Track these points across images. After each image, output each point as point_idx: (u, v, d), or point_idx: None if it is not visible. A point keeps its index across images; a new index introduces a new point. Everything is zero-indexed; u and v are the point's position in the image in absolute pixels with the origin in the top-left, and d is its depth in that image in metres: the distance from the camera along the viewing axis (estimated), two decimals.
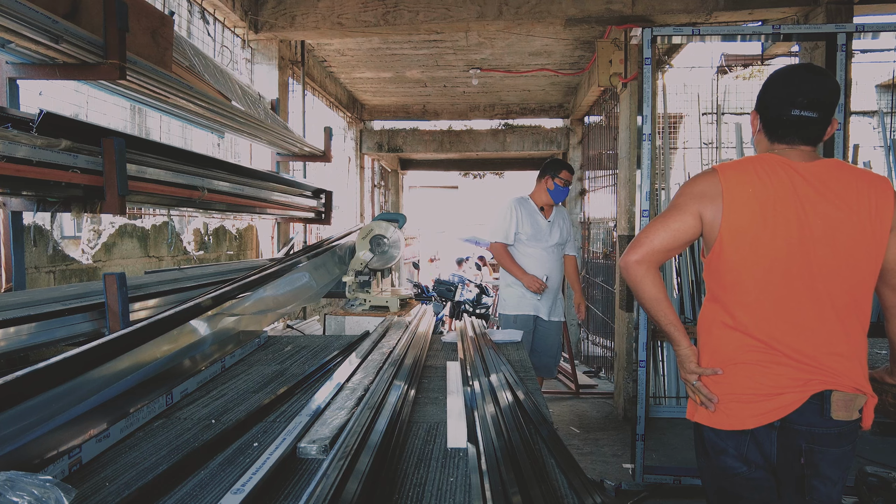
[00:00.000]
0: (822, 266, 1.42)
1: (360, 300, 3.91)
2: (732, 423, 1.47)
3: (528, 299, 3.64)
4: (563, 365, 6.18)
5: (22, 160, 1.90)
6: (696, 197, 1.50)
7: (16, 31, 1.97)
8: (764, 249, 1.44)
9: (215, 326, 2.25)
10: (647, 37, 3.12)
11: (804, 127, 1.49)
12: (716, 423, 1.50)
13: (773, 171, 1.46)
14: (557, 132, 8.33)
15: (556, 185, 3.65)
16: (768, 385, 1.43)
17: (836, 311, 1.43)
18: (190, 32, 4.05)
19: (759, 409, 1.44)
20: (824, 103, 1.48)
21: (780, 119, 1.51)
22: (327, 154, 4.88)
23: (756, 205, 1.44)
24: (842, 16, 3.87)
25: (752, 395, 1.45)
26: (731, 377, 1.48)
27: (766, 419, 1.44)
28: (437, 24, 4.52)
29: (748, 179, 1.46)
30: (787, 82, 1.52)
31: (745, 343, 1.47)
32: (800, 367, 1.42)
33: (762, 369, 1.44)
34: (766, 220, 1.43)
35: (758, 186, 1.45)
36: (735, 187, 1.46)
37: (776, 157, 1.50)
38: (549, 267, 3.66)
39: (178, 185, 2.75)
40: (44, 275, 2.66)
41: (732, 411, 1.47)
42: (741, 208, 1.45)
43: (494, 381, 1.92)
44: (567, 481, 1.27)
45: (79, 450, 1.34)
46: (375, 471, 1.22)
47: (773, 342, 1.44)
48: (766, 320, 1.45)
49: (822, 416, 1.42)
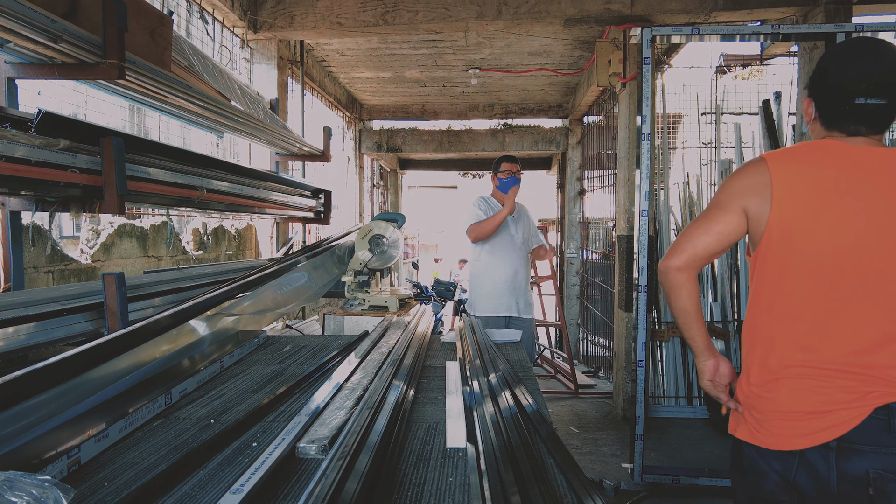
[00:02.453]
0: (885, 264, 1.24)
1: (359, 300, 3.91)
2: (779, 442, 1.29)
3: (498, 300, 3.65)
4: (562, 364, 6.18)
5: (20, 160, 1.89)
6: (741, 192, 1.34)
7: (14, 30, 1.97)
8: (817, 246, 1.26)
9: (214, 326, 2.24)
10: (646, 36, 3.12)
11: (869, 116, 1.28)
12: (760, 440, 1.32)
13: (831, 159, 1.28)
14: (556, 132, 8.33)
15: (500, 180, 3.69)
16: (819, 401, 1.25)
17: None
18: (189, 32, 4.05)
19: (811, 427, 1.25)
20: (893, 85, 1.26)
21: (840, 109, 1.31)
22: (326, 154, 4.88)
23: (810, 196, 1.26)
24: (841, 16, 3.87)
25: (802, 412, 1.26)
26: (775, 393, 1.30)
27: (818, 439, 1.24)
28: (436, 23, 4.52)
29: (802, 168, 1.29)
30: (846, 62, 1.29)
31: (793, 353, 1.29)
32: (856, 378, 1.23)
33: (812, 382, 1.26)
34: (821, 213, 1.26)
35: (815, 175, 1.27)
36: (786, 176, 1.28)
37: (835, 143, 1.31)
38: (516, 264, 3.68)
39: (177, 184, 2.75)
40: (42, 275, 2.66)
41: (779, 429, 1.29)
42: (793, 200, 1.27)
43: (493, 381, 1.92)
44: (566, 481, 1.27)
45: (77, 450, 1.34)
46: (374, 470, 1.22)
47: (825, 351, 1.26)
48: (816, 326, 1.28)
49: (889, 432, 1.21)
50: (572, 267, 8.15)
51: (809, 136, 1.47)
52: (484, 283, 3.68)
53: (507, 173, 3.67)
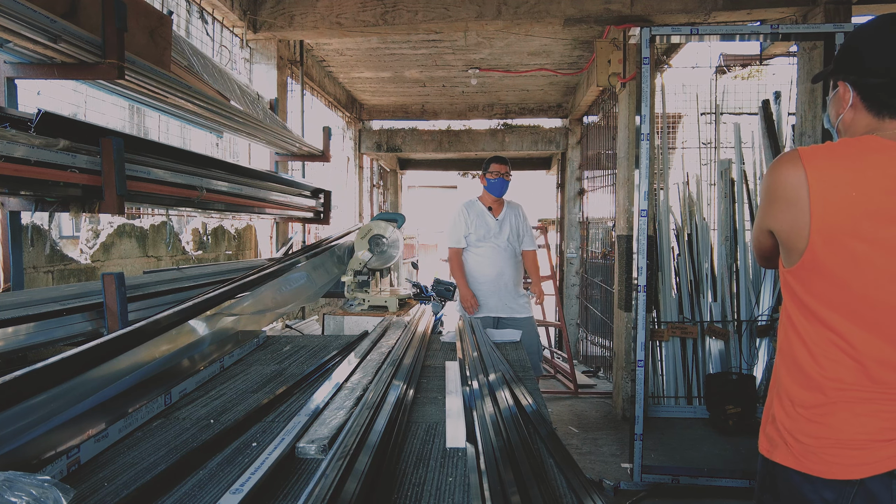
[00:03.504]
0: None
1: (358, 300, 3.91)
2: (836, 471, 1.17)
3: (484, 301, 3.65)
4: (561, 364, 6.18)
5: (20, 160, 1.89)
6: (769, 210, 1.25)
7: (14, 30, 1.97)
8: (872, 263, 1.14)
9: (214, 326, 2.24)
10: (645, 36, 3.12)
11: None
12: (811, 469, 1.20)
13: (886, 162, 1.14)
14: (556, 132, 8.33)
15: (489, 180, 3.69)
16: (884, 427, 1.14)
17: None
18: (189, 32, 4.05)
19: (874, 455, 1.14)
20: None
21: (893, 85, 1.16)
22: (326, 154, 4.88)
23: (863, 207, 1.13)
24: (840, 16, 3.87)
25: (864, 440, 1.15)
26: (829, 419, 1.19)
27: (882, 467, 1.14)
28: (436, 23, 4.52)
29: (851, 176, 1.15)
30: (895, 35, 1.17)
31: (849, 381, 1.17)
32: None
33: (874, 406, 1.16)
34: (875, 226, 1.12)
35: (866, 184, 1.13)
36: (830, 185, 1.15)
37: (889, 143, 1.16)
38: (501, 264, 3.68)
39: (177, 184, 2.75)
40: (42, 275, 2.66)
41: (837, 458, 1.17)
42: (839, 212, 1.14)
43: (493, 381, 1.92)
44: (566, 481, 1.27)
45: (77, 450, 1.34)
46: (374, 470, 1.22)
47: (884, 374, 1.15)
48: (878, 351, 1.16)
49: None
50: (572, 267, 8.15)
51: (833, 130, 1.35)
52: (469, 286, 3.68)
53: (496, 174, 3.67)
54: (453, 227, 3.73)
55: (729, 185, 4.51)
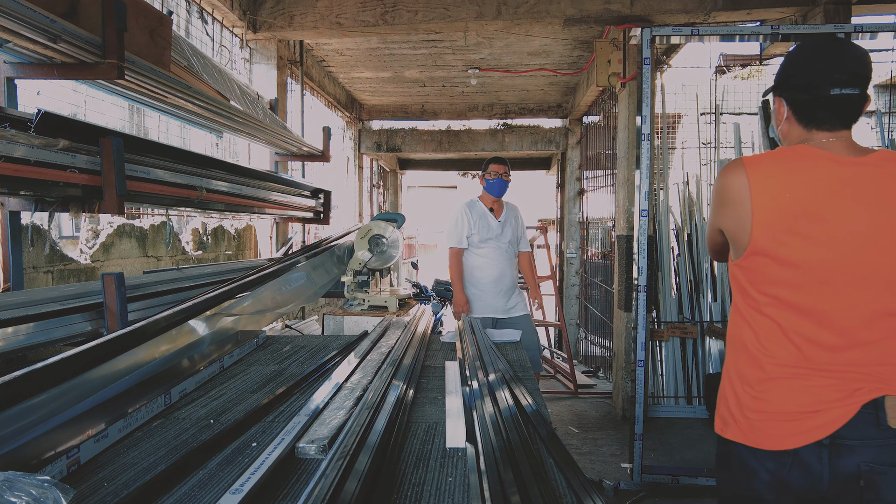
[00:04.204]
0: (870, 271, 1.27)
1: (358, 300, 3.91)
2: (774, 442, 1.31)
3: (483, 301, 3.65)
4: (561, 364, 6.18)
5: (20, 160, 1.89)
6: (718, 212, 1.41)
7: (13, 30, 1.97)
8: (804, 256, 1.28)
9: (214, 326, 2.24)
10: (645, 37, 3.12)
11: (845, 107, 1.32)
12: (753, 441, 1.34)
13: (816, 170, 1.30)
14: (556, 132, 8.34)
15: (488, 181, 3.69)
16: (812, 400, 1.28)
17: (884, 318, 1.28)
18: (188, 32, 4.05)
19: (804, 426, 1.28)
20: (864, 77, 1.32)
21: (818, 101, 1.33)
22: (326, 154, 4.88)
23: (798, 211, 1.28)
24: (840, 16, 3.87)
25: (796, 412, 1.29)
26: (769, 394, 1.33)
27: (812, 437, 1.27)
28: (436, 23, 4.52)
29: (786, 180, 1.30)
30: (819, 57, 1.33)
31: (786, 360, 1.32)
32: (845, 377, 1.27)
33: (804, 383, 1.30)
34: (807, 223, 1.28)
35: (797, 188, 1.29)
36: (768, 190, 1.30)
37: (818, 152, 1.32)
38: (503, 266, 3.68)
39: (177, 184, 2.75)
40: (42, 275, 2.66)
41: (773, 430, 1.31)
42: (778, 215, 1.29)
43: (493, 381, 1.92)
44: (566, 481, 1.27)
45: (77, 450, 1.34)
46: (374, 470, 1.22)
47: (819, 356, 1.29)
48: (810, 334, 1.30)
49: (877, 426, 1.24)
50: (572, 267, 8.15)
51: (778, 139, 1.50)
52: (469, 285, 3.69)
53: (494, 175, 3.67)
54: (455, 226, 3.72)
55: None
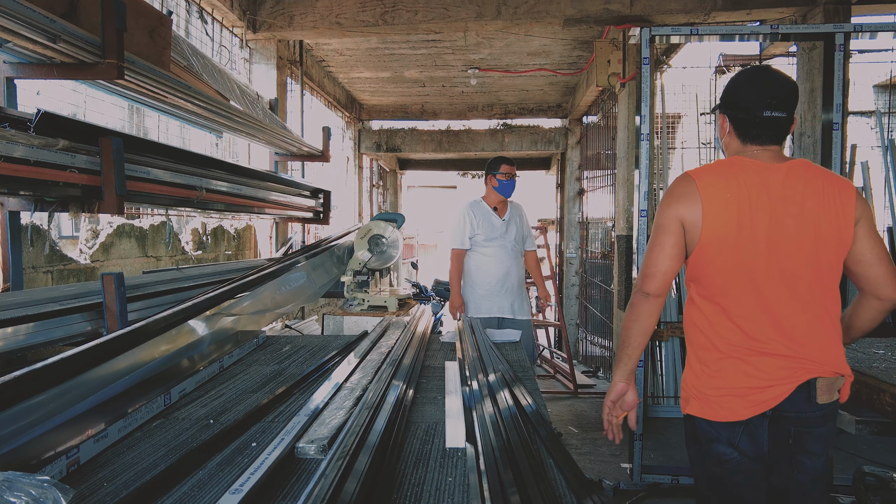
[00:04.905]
0: (797, 262, 1.51)
1: (358, 300, 3.91)
2: (727, 415, 1.54)
3: (490, 300, 3.65)
4: (561, 364, 6.18)
5: (19, 160, 1.89)
6: (675, 210, 1.56)
7: (13, 30, 1.97)
8: (744, 252, 1.51)
9: (213, 326, 2.24)
10: (645, 37, 3.12)
11: (775, 126, 1.58)
12: (710, 415, 1.57)
13: (747, 175, 1.54)
14: (555, 132, 8.34)
15: (499, 181, 3.68)
16: (759, 378, 1.52)
17: (812, 302, 1.53)
18: (188, 32, 4.05)
19: (753, 401, 1.52)
20: (790, 102, 1.58)
21: (752, 120, 1.59)
22: (325, 154, 4.88)
23: (735, 209, 1.51)
24: (840, 16, 3.87)
25: (745, 388, 1.53)
26: (722, 372, 1.55)
27: (759, 410, 1.52)
28: (436, 23, 4.52)
29: (725, 185, 1.53)
30: (754, 84, 1.61)
31: (733, 340, 1.54)
32: (787, 359, 1.51)
33: (752, 364, 1.52)
34: (744, 223, 1.51)
35: (734, 191, 1.52)
36: (713, 193, 1.53)
37: (748, 161, 1.57)
38: (507, 265, 3.67)
39: (177, 184, 2.74)
40: (41, 275, 2.65)
41: (727, 404, 1.54)
42: (720, 214, 1.51)
43: (493, 381, 1.92)
44: (565, 481, 1.27)
45: (77, 450, 1.34)
46: (374, 470, 1.22)
47: (760, 337, 1.52)
48: (751, 318, 1.53)
49: (808, 401, 1.52)
50: (571, 267, 8.15)
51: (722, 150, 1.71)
52: (475, 285, 3.68)
53: (507, 176, 3.67)
54: (458, 227, 3.71)
55: None
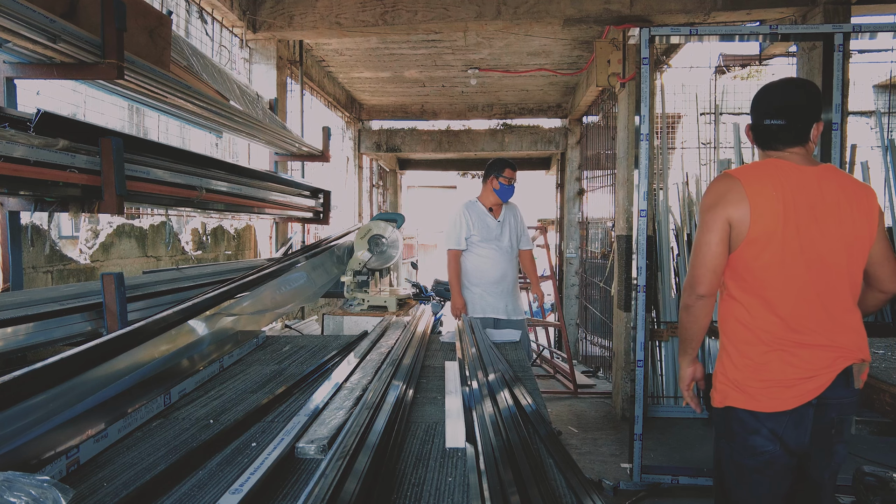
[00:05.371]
0: (835, 257, 1.61)
1: (358, 300, 3.91)
2: (775, 405, 1.62)
3: (485, 301, 3.65)
4: (561, 364, 6.18)
5: (19, 160, 1.89)
6: (722, 207, 1.64)
7: (13, 30, 1.97)
8: (789, 248, 1.60)
9: (213, 326, 2.24)
10: (645, 37, 3.12)
11: (776, 134, 1.70)
12: (756, 406, 1.64)
13: (786, 175, 1.63)
14: (555, 132, 8.34)
15: (501, 185, 3.69)
16: (804, 369, 1.61)
17: (845, 294, 1.64)
18: (188, 32, 4.05)
19: (800, 391, 1.61)
20: (791, 109, 1.68)
21: (757, 129, 1.75)
22: (325, 154, 4.88)
23: (780, 206, 1.60)
24: (839, 16, 3.87)
25: (793, 379, 1.61)
26: (769, 365, 1.63)
27: (805, 399, 1.61)
28: (436, 23, 4.52)
29: (770, 183, 1.62)
30: (760, 96, 1.76)
31: (777, 334, 1.63)
32: (827, 350, 1.61)
33: (797, 356, 1.61)
34: (789, 219, 1.60)
35: (778, 189, 1.61)
36: (758, 191, 1.61)
37: (784, 162, 1.67)
38: (503, 266, 3.68)
39: (177, 184, 2.74)
40: (41, 275, 2.65)
41: (775, 395, 1.62)
42: (767, 211, 1.60)
43: (493, 381, 1.92)
44: (565, 481, 1.27)
45: (76, 450, 1.34)
46: (374, 470, 1.22)
47: (802, 329, 1.61)
48: (793, 311, 1.62)
49: (848, 387, 1.62)
50: (571, 267, 8.15)
51: None
52: (471, 286, 3.68)
53: (509, 181, 3.68)
54: (454, 227, 3.72)
55: None
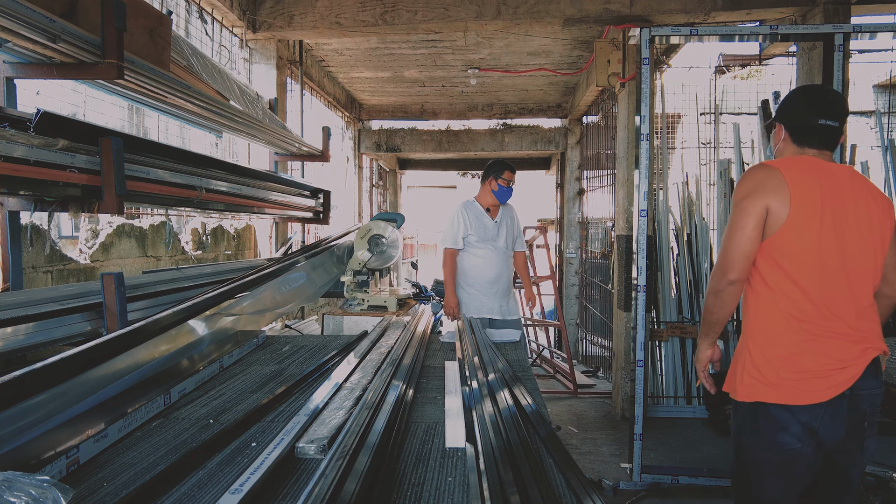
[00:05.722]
0: (866, 252, 1.66)
1: (358, 300, 3.91)
2: (810, 397, 1.61)
3: (480, 301, 3.66)
4: (561, 364, 6.18)
5: (19, 160, 1.89)
6: (761, 194, 1.67)
7: (13, 30, 1.97)
8: (825, 235, 1.63)
9: (213, 326, 2.24)
10: (645, 37, 3.12)
11: (829, 133, 1.76)
12: (789, 399, 1.63)
13: (822, 169, 1.69)
14: (555, 132, 8.33)
15: (499, 186, 3.69)
16: (836, 359, 1.62)
17: (868, 289, 1.67)
18: (188, 32, 4.05)
19: (834, 381, 1.61)
20: (843, 114, 1.77)
21: (809, 126, 1.76)
22: (325, 154, 4.88)
23: (818, 197, 1.64)
24: (839, 16, 3.87)
25: (828, 369, 1.61)
26: (802, 356, 1.63)
27: (839, 389, 1.61)
28: (436, 23, 4.52)
29: (809, 174, 1.67)
30: (813, 97, 1.82)
31: (811, 320, 1.63)
32: (857, 340, 1.63)
33: (829, 346, 1.62)
34: (825, 209, 1.63)
35: (817, 181, 1.65)
36: (799, 182, 1.65)
37: (816, 159, 1.73)
38: (499, 267, 3.69)
39: (177, 184, 2.74)
40: (41, 275, 2.65)
41: (810, 387, 1.62)
42: (806, 199, 1.63)
43: (492, 381, 1.92)
44: (565, 481, 1.27)
45: (76, 450, 1.34)
46: (374, 470, 1.22)
47: (835, 320, 1.63)
48: (826, 296, 1.64)
49: (877, 377, 1.65)
50: (571, 267, 8.15)
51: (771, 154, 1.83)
52: (466, 286, 3.69)
53: (508, 183, 3.68)
54: (451, 227, 3.72)
55: (728, 185, 4.51)
